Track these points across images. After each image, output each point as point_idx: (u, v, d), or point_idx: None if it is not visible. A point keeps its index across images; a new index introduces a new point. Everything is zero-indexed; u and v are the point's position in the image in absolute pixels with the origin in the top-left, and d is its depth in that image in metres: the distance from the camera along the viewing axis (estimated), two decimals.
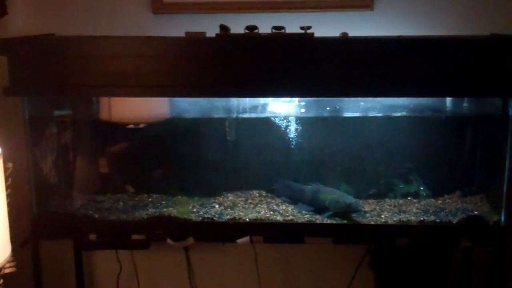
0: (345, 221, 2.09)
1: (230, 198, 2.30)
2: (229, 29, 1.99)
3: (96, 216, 2.14)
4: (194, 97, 2.13)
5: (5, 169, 1.75)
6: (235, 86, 1.98)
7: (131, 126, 2.28)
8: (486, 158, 2.23)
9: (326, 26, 2.10)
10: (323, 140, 2.28)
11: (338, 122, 2.27)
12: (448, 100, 2.23)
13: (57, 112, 2.23)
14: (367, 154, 2.29)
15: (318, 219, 2.11)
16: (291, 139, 2.28)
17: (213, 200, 2.27)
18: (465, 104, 2.25)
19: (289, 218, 2.11)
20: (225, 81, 1.97)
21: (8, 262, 1.82)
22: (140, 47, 1.95)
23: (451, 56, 1.91)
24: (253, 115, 2.22)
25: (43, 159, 2.17)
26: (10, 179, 1.75)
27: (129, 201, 2.28)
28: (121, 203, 2.27)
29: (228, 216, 2.13)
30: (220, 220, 2.10)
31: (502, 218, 2.03)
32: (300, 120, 2.26)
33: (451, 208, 2.16)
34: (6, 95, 1.96)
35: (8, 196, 1.77)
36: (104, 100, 2.20)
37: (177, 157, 2.35)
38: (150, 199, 2.29)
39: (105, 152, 2.39)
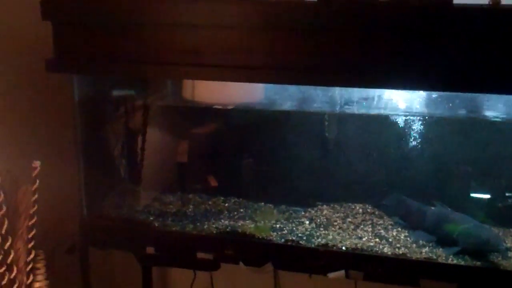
0: (478, 263, 1.53)
1: (325, 212, 1.80)
2: None
3: (156, 224, 1.73)
4: (284, 84, 1.64)
5: (32, 169, 1.39)
6: (339, 71, 1.45)
7: (215, 107, 1.86)
8: None
9: None
10: (455, 147, 1.70)
11: (477, 125, 1.68)
12: None
13: (116, 92, 1.83)
14: None
15: (441, 255, 1.56)
16: (411, 143, 1.73)
17: (302, 213, 1.80)
18: None
19: (400, 251, 1.58)
20: (326, 63, 1.45)
21: (36, 281, 1.48)
22: (216, 13, 1.48)
23: None
24: (361, 109, 1.70)
25: (98, 149, 1.79)
26: (38, 181, 1.39)
27: (201, 205, 1.86)
28: (191, 206, 1.85)
29: (319, 240, 1.63)
30: (308, 246, 1.61)
31: None
32: (425, 119, 1.70)
33: None
34: (50, 70, 1.58)
35: (35, 202, 1.41)
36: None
37: (264, 155, 1.90)
38: (226, 204, 1.86)
39: (178, 141, 1.98)
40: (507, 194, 1.72)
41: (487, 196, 1.72)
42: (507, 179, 1.71)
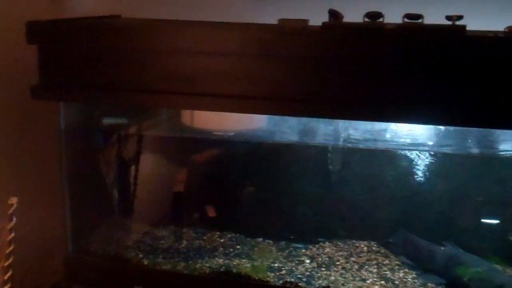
0: None
1: (327, 250, 1.69)
2: (342, 16, 1.38)
3: (146, 262, 1.61)
4: (284, 115, 1.53)
5: (9, 206, 1.28)
6: (345, 103, 1.34)
7: (212, 137, 1.77)
8: None
9: (485, 16, 1.44)
10: (465, 183, 1.60)
11: (490, 161, 1.57)
12: None
13: (107, 120, 1.73)
14: None
15: None
16: (418, 178, 1.62)
17: (303, 250, 1.68)
18: None
19: None
20: (331, 93, 1.35)
21: None
22: (212, 39, 1.38)
23: None
24: (367, 142, 1.59)
25: (86, 180, 1.69)
26: (14, 218, 1.28)
27: (195, 241, 1.75)
28: (184, 242, 1.74)
29: (320, 281, 1.52)
30: None
31: None
32: (432, 155, 1.59)
33: None
34: (35, 97, 1.48)
35: (11, 241, 1.30)
36: None
37: (263, 187, 1.79)
38: (222, 240, 1.75)
39: (173, 170, 1.87)
40: None
41: (502, 235, 1.60)
42: None
